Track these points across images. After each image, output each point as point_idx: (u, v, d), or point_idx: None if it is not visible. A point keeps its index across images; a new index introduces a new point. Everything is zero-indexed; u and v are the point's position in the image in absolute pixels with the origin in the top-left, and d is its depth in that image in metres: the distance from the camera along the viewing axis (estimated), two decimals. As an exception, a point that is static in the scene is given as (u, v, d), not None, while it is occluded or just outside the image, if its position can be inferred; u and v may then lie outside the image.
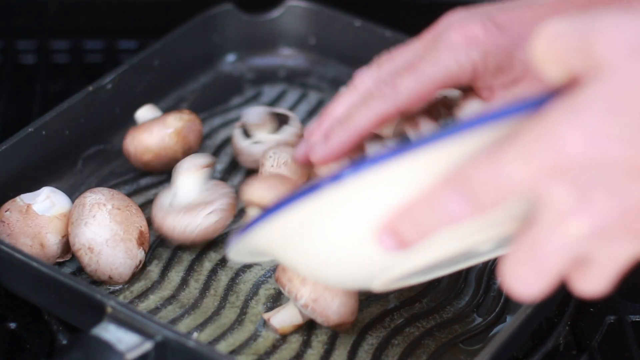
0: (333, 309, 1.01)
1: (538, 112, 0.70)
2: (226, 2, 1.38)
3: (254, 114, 1.22)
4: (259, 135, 1.22)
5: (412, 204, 0.76)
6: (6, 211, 1.10)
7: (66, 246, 1.11)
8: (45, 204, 1.10)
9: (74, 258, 1.12)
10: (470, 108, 1.02)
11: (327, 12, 1.39)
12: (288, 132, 1.21)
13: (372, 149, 1.02)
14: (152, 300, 1.08)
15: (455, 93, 1.06)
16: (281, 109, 1.25)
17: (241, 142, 1.22)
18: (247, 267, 1.12)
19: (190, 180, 1.11)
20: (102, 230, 1.08)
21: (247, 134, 1.22)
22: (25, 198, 1.11)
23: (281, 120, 1.22)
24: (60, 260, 1.12)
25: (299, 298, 1.01)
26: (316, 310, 1.01)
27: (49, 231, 1.10)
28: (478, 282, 1.11)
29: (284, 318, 1.04)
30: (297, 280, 1.01)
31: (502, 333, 0.97)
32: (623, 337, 1.10)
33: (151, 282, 1.11)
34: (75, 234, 1.08)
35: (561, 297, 1.12)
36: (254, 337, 1.05)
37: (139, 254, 1.10)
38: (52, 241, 1.10)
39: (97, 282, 1.10)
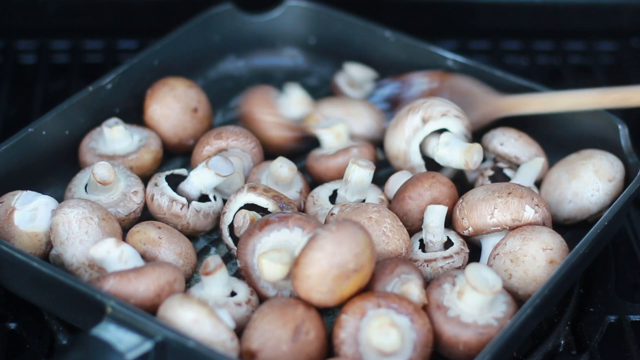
0: None
1: None
2: (226, 2, 1.38)
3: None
4: None
5: None
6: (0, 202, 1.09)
7: None
8: (27, 215, 1.08)
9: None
10: None
11: (327, 12, 1.39)
12: None
13: None
14: (152, 300, 1.08)
15: None
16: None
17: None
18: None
19: None
20: None
21: None
22: (23, 197, 1.09)
23: None
24: None
25: None
26: None
27: (15, 243, 1.07)
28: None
29: None
30: None
31: (502, 333, 0.97)
32: (623, 337, 1.10)
33: (151, 282, 1.10)
34: (72, 254, 1.05)
35: (561, 297, 1.12)
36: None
37: None
38: None
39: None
